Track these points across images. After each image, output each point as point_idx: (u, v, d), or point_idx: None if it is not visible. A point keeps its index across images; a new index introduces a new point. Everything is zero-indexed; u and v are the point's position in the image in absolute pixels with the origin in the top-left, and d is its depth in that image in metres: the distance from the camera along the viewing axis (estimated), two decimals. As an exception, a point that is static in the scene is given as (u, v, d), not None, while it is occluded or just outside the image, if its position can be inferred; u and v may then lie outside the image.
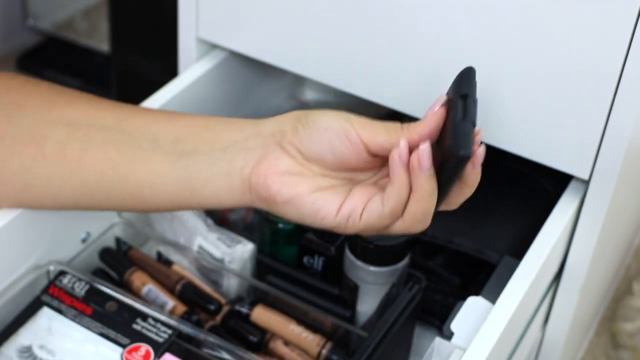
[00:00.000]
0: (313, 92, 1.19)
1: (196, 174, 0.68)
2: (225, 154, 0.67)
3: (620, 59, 0.74)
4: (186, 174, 0.68)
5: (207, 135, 0.69)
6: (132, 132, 0.70)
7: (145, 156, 0.69)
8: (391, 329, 0.76)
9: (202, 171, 0.68)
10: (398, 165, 0.62)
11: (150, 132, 0.70)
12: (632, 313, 1.22)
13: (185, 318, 0.80)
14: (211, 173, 0.67)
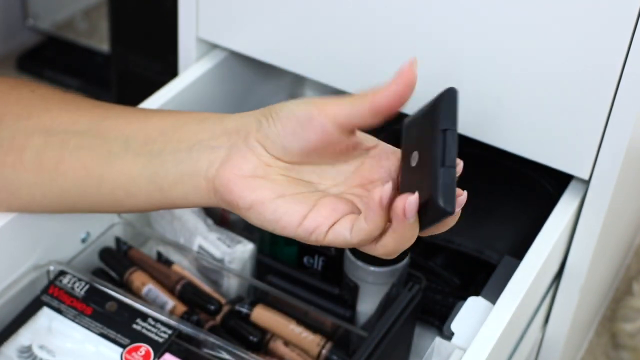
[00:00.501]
0: (313, 92, 1.19)
1: (164, 175, 0.67)
2: (191, 154, 0.67)
3: (620, 59, 0.74)
4: (156, 175, 0.68)
5: (174, 134, 0.68)
6: (106, 136, 0.70)
7: (117, 159, 0.69)
8: (391, 329, 0.76)
9: (169, 172, 0.67)
10: (377, 208, 0.59)
11: (122, 134, 0.70)
12: (632, 313, 1.22)
13: (185, 318, 0.80)
14: (178, 174, 0.67)
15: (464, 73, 0.82)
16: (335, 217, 0.62)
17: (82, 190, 0.71)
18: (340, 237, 0.61)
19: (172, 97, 0.92)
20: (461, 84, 0.83)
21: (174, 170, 0.67)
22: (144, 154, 0.68)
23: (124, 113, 0.73)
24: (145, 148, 0.69)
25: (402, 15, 0.83)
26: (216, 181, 0.65)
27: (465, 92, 0.83)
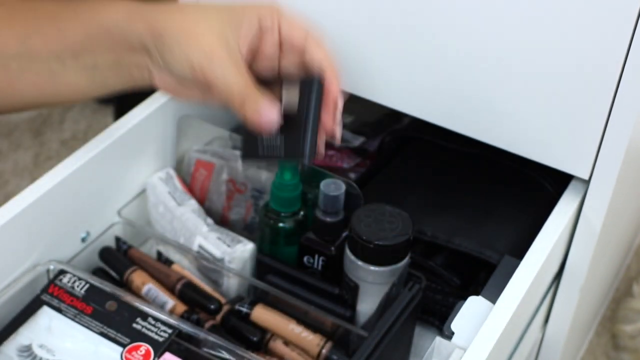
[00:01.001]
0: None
1: (112, 85, 0.78)
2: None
3: (620, 60, 0.75)
4: (104, 86, 0.78)
5: (99, 47, 0.75)
6: (39, 57, 0.77)
7: (62, 78, 0.78)
8: (391, 329, 0.76)
9: (116, 82, 0.77)
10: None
11: (52, 53, 0.76)
12: (632, 315, 1.22)
13: (185, 317, 0.80)
14: (124, 80, 0.77)
15: (464, 73, 0.82)
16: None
17: (39, 101, 0.80)
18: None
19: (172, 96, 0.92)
20: (461, 84, 0.83)
21: (119, 81, 0.77)
22: (81, 67, 0.77)
23: (43, 26, 0.77)
24: (79, 63, 0.76)
25: (402, 16, 0.83)
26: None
27: (465, 92, 0.83)
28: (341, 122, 0.72)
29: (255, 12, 0.73)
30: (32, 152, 1.50)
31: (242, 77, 0.70)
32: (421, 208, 0.90)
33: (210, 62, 0.70)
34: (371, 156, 1.05)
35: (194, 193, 0.93)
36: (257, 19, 0.73)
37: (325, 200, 0.80)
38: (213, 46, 0.70)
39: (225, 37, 0.71)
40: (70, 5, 0.78)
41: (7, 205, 0.77)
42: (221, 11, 0.73)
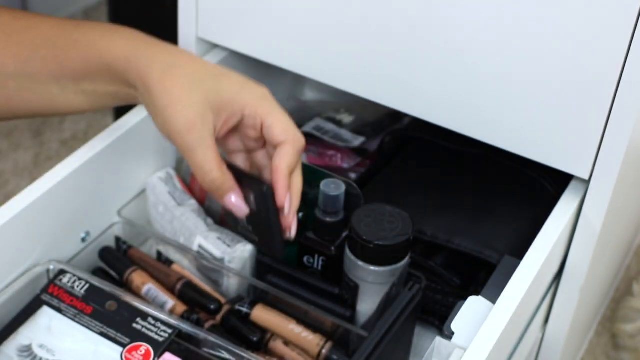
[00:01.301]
0: (313, 92, 1.19)
1: (111, 104, 0.80)
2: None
3: (620, 60, 0.75)
4: (103, 105, 0.80)
5: (99, 78, 0.77)
6: (37, 79, 0.78)
7: (61, 98, 0.79)
8: (391, 329, 0.76)
9: (115, 103, 0.80)
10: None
11: (51, 77, 0.78)
12: (632, 314, 1.22)
13: (185, 317, 0.80)
14: (123, 102, 0.79)
15: (464, 73, 0.82)
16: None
17: (35, 114, 0.82)
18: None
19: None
20: (461, 84, 0.83)
21: (113, 102, 0.80)
22: (80, 92, 0.78)
23: (40, 50, 0.78)
24: (79, 87, 0.78)
25: (402, 16, 0.83)
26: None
27: (465, 93, 0.83)
28: (296, 221, 0.76)
29: (241, 105, 0.74)
30: (32, 152, 1.50)
31: (215, 162, 0.72)
32: (421, 208, 0.89)
33: (185, 138, 0.72)
34: (371, 156, 1.05)
35: (194, 193, 0.93)
36: (241, 113, 0.74)
37: (325, 200, 0.80)
38: (191, 123, 0.72)
39: (206, 118, 0.72)
40: (66, 32, 0.78)
41: (7, 205, 0.77)
42: (210, 91, 0.73)
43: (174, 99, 0.72)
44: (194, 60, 0.76)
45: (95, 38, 0.77)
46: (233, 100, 0.73)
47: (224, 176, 0.73)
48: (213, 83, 0.73)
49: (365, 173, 0.98)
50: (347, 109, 1.13)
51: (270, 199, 0.73)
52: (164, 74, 0.73)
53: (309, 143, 1.05)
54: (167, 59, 0.74)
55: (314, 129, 1.08)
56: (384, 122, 1.10)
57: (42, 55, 0.78)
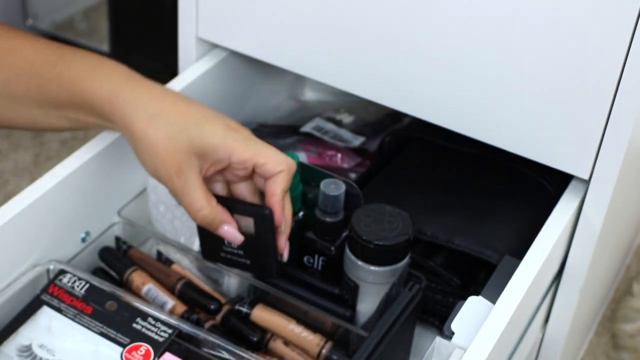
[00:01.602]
0: (313, 92, 1.19)
1: (95, 128, 0.81)
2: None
3: (620, 60, 0.75)
4: (86, 128, 0.81)
5: (82, 111, 0.78)
6: (20, 102, 0.79)
7: (43, 119, 0.80)
8: (391, 329, 0.76)
9: (99, 128, 0.81)
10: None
11: (34, 102, 0.79)
12: (632, 314, 1.22)
13: (185, 317, 0.80)
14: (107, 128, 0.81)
15: (464, 73, 0.82)
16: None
17: (17, 128, 0.83)
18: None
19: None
20: (462, 84, 0.83)
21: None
22: (62, 117, 0.80)
23: (23, 76, 0.78)
24: (62, 114, 0.79)
25: (403, 16, 0.83)
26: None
27: (465, 93, 0.83)
28: (287, 244, 0.79)
29: (227, 153, 0.75)
30: (32, 152, 1.50)
31: (204, 201, 0.75)
32: (421, 208, 0.89)
33: (174, 182, 0.75)
34: (371, 156, 1.05)
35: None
36: (228, 159, 0.76)
37: (325, 200, 0.80)
38: (178, 170, 0.74)
39: (191, 163, 0.75)
40: (50, 62, 0.78)
41: (7, 205, 0.77)
42: (194, 138, 0.75)
43: (160, 149, 0.74)
44: (177, 105, 0.76)
45: (78, 75, 0.77)
46: (218, 146, 0.75)
47: (214, 211, 0.76)
48: (197, 131, 0.75)
49: (365, 173, 0.98)
50: (347, 109, 1.13)
51: (271, 223, 0.77)
52: (149, 124, 0.75)
53: (309, 143, 1.05)
54: (151, 107, 0.75)
55: (314, 129, 1.08)
56: (384, 122, 1.10)
57: (24, 81, 0.78)
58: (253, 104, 1.07)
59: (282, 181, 0.76)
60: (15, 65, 0.78)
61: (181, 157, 0.74)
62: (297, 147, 1.04)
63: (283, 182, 0.76)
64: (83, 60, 0.78)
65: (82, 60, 0.79)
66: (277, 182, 0.76)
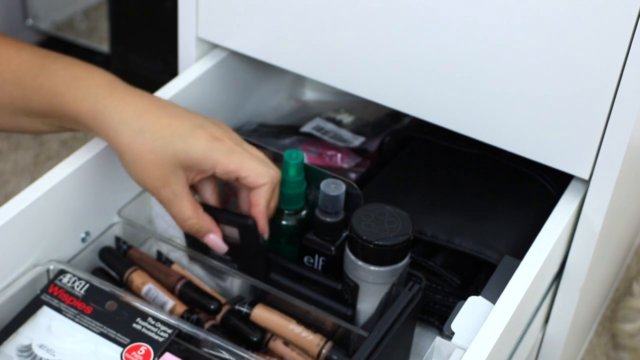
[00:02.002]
0: (313, 92, 1.19)
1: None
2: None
3: (620, 60, 0.75)
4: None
5: (66, 122, 0.80)
6: (5, 109, 0.81)
7: (29, 125, 0.82)
8: (391, 329, 0.76)
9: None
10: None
11: (18, 109, 0.80)
12: (632, 314, 1.22)
13: (185, 317, 0.80)
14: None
15: (465, 73, 0.82)
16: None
17: (2, 131, 0.85)
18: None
19: (172, 96, 0.92)
20: (462, 84, 0.83)
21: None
22: (47, 124, 0.81)
23: (7, 85, 0.79)
24: (47, 122, 0.81)
25: (403, 16, 0.83)
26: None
27: (465, 92, 0.83)
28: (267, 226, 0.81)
29: (211, 164, 0.77)
30: (32, 152, 1.50)
31: (191, 211, 0.78)
32: (421, 208, 0.89)
33: (160, 193, 0.78)
34: (371, 156, 1.05)
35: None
36: (212, 170, 0.78)
37: (325, 200, 0.80)
38: (164, 181, 0.77)
39: (177, 174, 0.77)
40: (33, 72, 0.79)
41: (7, 205, 0.77)
42: (179, 152, 0.76)
43: (146, 162, 0.76)
44: (161, 119, 0.77)
45: (60, 87, 0.78)
46: (203, 158, 0.76)
47: (200, 221, 0.79)
48: (181, 144, 0.76)
49: (365, 173, 0.98)
50: (347, 109, 1.13)
51: (255, 232, 0.80)
52: (133, 139, 0.76)
53: (309, 143, 1.05)
54: (135, 122, 0.76)
55: (314, 129, 1.08)
56: (384, 122, 1.10)
57: (9, 91, 0.79)
58: (253, 104, 1.07)
59: (265, 193, 0.78)
60: (1, 74, 0.79)
61: (167, 170, 0.76)
62: (297, 147, 1.04)
63: (266, 194, 0.78)
64: (66, 72, 0.78)
65: (65, 71, 0.79)
66: (260, 194, 0.78)
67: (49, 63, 0.79)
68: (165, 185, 0.77)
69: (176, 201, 0.78)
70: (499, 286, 0.76)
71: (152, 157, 0.76)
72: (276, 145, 1.03)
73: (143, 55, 1.44)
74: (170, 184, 0.77)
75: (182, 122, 0.77)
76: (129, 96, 0.77)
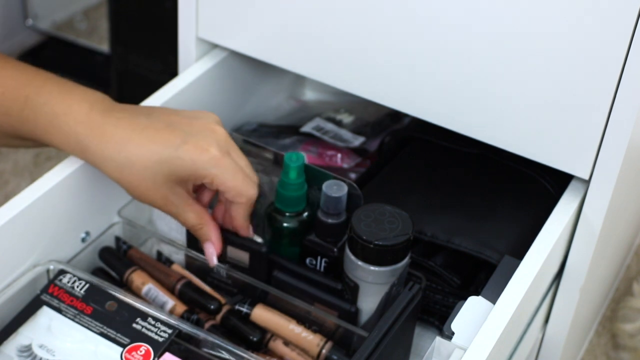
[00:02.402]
0: (313, 92, 1.19)
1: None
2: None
3: (620, 60, 0.75)
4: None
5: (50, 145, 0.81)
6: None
7: (10, 141, 0.83)
8: (391, 329, 0.76)
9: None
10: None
11: (6, 134, 0.82)
12: (633, 314, 1.22)
13: (185, 317, 0.80)
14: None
15: (465, 73, 0.82)
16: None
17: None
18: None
19: (172, 96, 0.92)
20: (462, 84, 0.83)
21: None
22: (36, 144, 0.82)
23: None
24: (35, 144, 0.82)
25: (403, 16, 0.83)
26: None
27: (466, 93, 0.83)
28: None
29: (199, 177, 0.78)
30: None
31: (196, 218, 0.80)
32: (421, 208, 0.89)
33: (164, 209, 0.80)
34: (371, 156, 1.05)
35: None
36: (201, 181, 0.79)
37: (327, 201, 0.80)
38: (165, 200, 0.79)
39: (175, 191, 0.79)
40: (18, 103, 0.79)
41: (7, 205, 0.77)
42: (170, 174, 0.78)
43: (141, 190, 0.78)
44: (143, 148, 0.77)
45: (45, 126, 0.79)
46: (190, 176, 0.78)
47: (205, 226, 0.81)
48: (168, 168, 0.77)
49: (365, 173, 0.98)
50: (347, 109, 1.13)
51: (266, 258, 0.83)
52: (121, 173, 0.78)
53: (309, 143, 1.05)
54: (118, 156, 0.77)
55: (314, 129, 1.08)
56: (384, 122, 1.10)
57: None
58: (253, 104, 1.07)
59: (243, 210, 0.81)
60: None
61: (164, 191, 0.78)
62: (297, 147, 1.04)
63: (244, 211, 0.81)
64: (47, 108, 0.79)
65: (46, 106, 0.79)
66: (238, 211, 0.81)
67: (32, 95, 0.79)
68: (167, 204, 0.79)
69: (180, 212, 0.80)
70: (499, 286, 0.76)
71: (144, 185, 0.78)
72: (276, 145, 1.03)
73: (143, 55, 1.44)
74: (171, 201, 0.79)
75: (164, 145, 0.77)
76: (108, 128, 0.78)
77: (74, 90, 0.80)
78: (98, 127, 0.78)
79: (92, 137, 0.78)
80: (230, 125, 1.04)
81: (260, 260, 0.82)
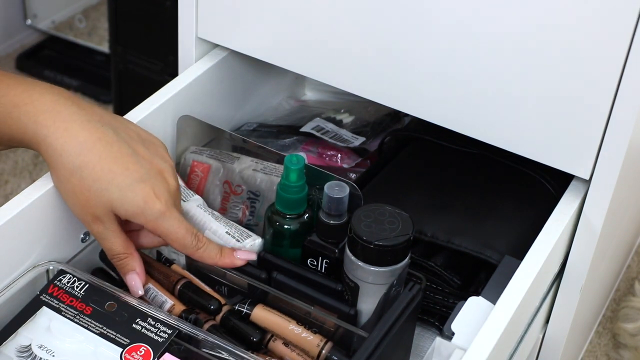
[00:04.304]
0: (313, 92, 1.19)
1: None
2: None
3: (620, 60, 0.74)
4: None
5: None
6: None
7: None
8: (391, 329, 0.76)
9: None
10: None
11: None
12: (633, 313, 1.22)
13: (185, 318, 0.80)
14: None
15: (465, 73, 0.82)
16: None
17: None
18: None
19: (172, 96, 0.92)
20: (462, 84, 0.83)
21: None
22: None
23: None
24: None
25: (402, 16, 0.83)
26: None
27: (466, 93, 0.83)
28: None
29: (141, 222, 0.78)
30: (32, 152, 1.50)
31: (121, 247, 0.79)
32: (421, 208, 0.89)
33: (92, 227, 0.78)
34: (371, 156, 1.05)
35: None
36: (143, 226, 0.78)
37: (329, 202, 0.80)
38: (96, 218, 0.77)
39: (110, 217, 0.78)
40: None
41: (7, 205, 0.77)
42: (114, 201, 0.76)
43: (81, 198, 0.77)
44: (103, 161, 0.76)
45: (2, 116, 0.77)
46: (134, 215, 0.77)
47: (129, 257, 0.80)
48: (118, 195, 0.76)
49: (365, 173, 0.98)
50: (347, 109, 1.13)
51: (266, 282, 0.82)
52: (72, 175, 0.76)
53: (309, 143, 1.05)
54: (76, 159, 0.76)
55: (314, 129, 1.08)
56: (384, 122, 1.10)
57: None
58: (253, 104, 1.07)
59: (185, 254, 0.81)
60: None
61: (100, 211, 0.77)
62: (297, 147, 1.04)
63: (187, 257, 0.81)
64: (5, 98, 0.77)
65: (5, 97, 0.77)
66: (199, 256, 0.80)
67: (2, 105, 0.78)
68: (96, 222, 0.78)
69: (107, 236, 0.78)
70: (499, 286, 0.76)
71: (87, 195, 0.76)
72: (276, 145, 1.03)
73: (143, 55, 1.44)
74: (102, 221, 0.78)
75: (123, 171, 0.77)
76: (74, 126, 0.76)
77: (36, 83, 0.79)
78: (63, 120, 0.76)
79: (55, 128, 0.76)
80: (230, 125, 1.04)
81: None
